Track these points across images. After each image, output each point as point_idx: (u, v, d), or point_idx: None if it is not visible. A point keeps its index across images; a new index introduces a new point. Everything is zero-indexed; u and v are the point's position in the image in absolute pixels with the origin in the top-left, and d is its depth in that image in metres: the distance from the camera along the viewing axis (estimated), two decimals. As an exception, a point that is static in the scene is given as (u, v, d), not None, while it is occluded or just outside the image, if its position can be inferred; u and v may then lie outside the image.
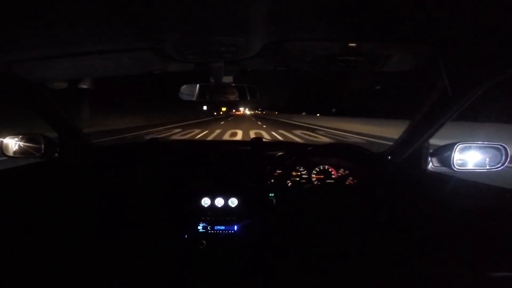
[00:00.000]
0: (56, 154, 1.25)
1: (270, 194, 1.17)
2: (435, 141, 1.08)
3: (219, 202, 1.17)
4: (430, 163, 1.11)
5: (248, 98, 1.09)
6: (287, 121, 26.68)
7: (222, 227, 1.14)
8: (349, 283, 0.91)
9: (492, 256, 0.83)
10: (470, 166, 1.04)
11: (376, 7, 0.54)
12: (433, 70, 0.87)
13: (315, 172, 1.34)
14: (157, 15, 0.55)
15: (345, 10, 0.56)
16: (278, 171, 1.29)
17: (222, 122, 21.72)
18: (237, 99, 1.10)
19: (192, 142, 1.76)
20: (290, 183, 1.31)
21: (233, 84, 1.08)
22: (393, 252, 0.97)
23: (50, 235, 1.05)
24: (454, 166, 1.01)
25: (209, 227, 1.14)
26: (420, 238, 0.98)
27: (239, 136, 10.67)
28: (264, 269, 0.98)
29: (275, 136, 10.86)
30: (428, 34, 0.67)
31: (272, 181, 1.27)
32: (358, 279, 0.91)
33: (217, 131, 12.19)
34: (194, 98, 1.10)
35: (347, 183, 1.29)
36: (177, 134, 11.57)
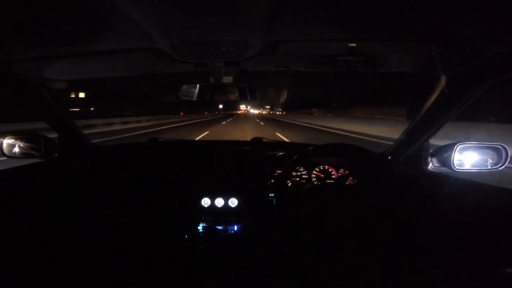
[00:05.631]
0: (56, 154, 1.25)
1: (270, 194, 1.17)
2: (435, 141, 1.08)
3: (219, 202, 1.17)
4: (430, 163, 1.11)
5: (248, 98, 1.09)
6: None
7: (222, 227, 1.14)
8: (349, 283, 0.91)
9: (492, 256, 0.83)
10: (470, 166, 1.03)
11: (376, 7, 0.54)
12: (433, 70, 0.87)
13: (315, 172, 1.34)
14: (157, 15, 0.55)
15: (345, 10, 0.56)
16: (278, 171, 1.29)
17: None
18: (237, 98, 1.10)
19: (192, 142, 1.76)
20: (290, 183, 1.31)
21: (233, 84, 1.08)
22: (393, 252, 0.97)
23: (50, 235, 1.05)
24: (454, 166, 1.01)
25: (209, 227, 1.13)
26: (420, 238, 0.98)
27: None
28: (264, 269, 0.98)
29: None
30: (428, 34, 0.67)
31: (272, 181, 1.27)
32: (358, 279, 0.91)
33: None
34: (194, 98, 1.10)
35: (347, 183, 1.29)
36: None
